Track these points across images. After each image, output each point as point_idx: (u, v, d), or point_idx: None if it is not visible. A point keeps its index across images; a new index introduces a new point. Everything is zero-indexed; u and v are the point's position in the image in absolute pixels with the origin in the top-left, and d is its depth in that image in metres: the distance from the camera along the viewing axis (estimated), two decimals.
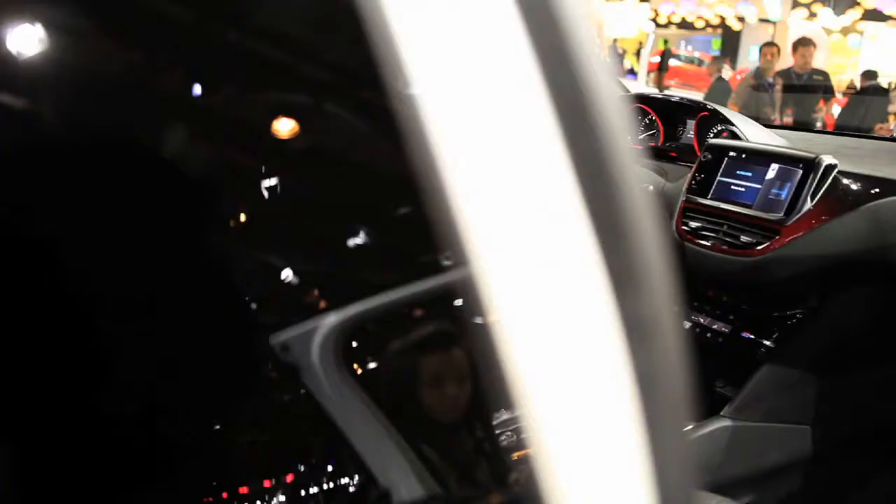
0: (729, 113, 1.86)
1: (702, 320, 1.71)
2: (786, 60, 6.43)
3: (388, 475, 0.60)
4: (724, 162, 1.65)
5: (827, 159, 1.48)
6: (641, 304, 0.30)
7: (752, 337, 1.62)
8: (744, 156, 1.63)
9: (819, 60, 7.15)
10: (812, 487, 1.67)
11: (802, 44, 6.03)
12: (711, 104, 1.95)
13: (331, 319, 0.59)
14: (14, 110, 0.46)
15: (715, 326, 1.68)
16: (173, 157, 0.52)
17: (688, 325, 1.74)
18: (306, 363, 0.59)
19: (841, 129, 5.66)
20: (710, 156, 1.68)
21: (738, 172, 1.62)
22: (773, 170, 1.55)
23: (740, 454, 1.59)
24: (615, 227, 0.29)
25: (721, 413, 1.60)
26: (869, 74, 6.79)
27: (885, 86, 6.54)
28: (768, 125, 2.06)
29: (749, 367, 1.61)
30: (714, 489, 1.32)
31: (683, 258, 1.64)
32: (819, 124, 5.90)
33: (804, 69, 5.93)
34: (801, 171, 1.50)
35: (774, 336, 1.59)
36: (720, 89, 6.76)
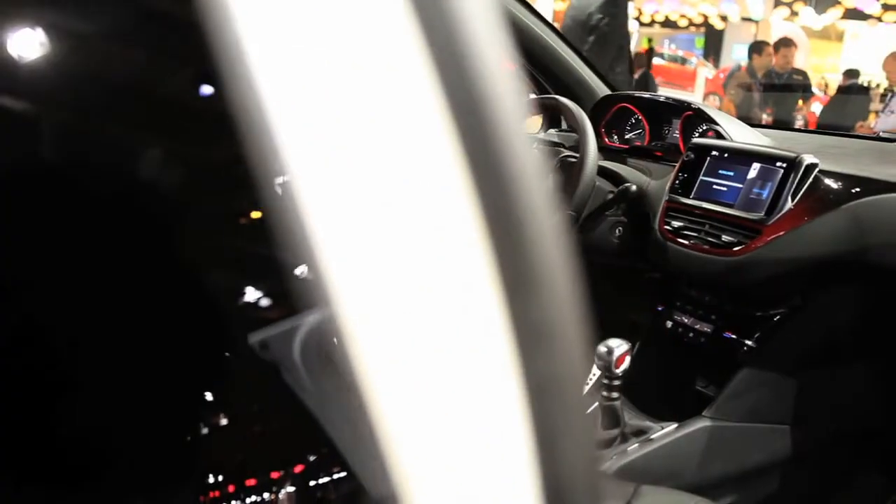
0: (713, 112, 1.85)
1: (685, 320, 1.71)
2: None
3: (373, 476, 0.59)
4: (707, 161, 1.64)
5: (808, 158, 1.48)
6: (538, 308, 0.29)
7: (734, 337, 1.61)
8: (726, 155, 1.62)
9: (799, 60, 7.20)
10: (794, 488, 1.67)
11: (784, 44, 6.12)
12: (697, 103, 1.93)
13: (314, 317, 0.58)
14: None
15: (697, 326, 1.68)
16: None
17: (670, 324, 1.74)
18: (287, 361, 0.58)
19: (823, 127, 5.72)
20: (692, 155, 1.68)
21: (720, 172, 1.61)
22: (754, 169, 1.55)
23: (722, 454, 1.59)
24: (510, 231, 0.29)
25: (703, 413, 1.59)
26: (851, 73, 6.85)
27: (866, 84, 6.62)
28: (759, 124, 2.06)
29: (731, 367, 1.60)
30: (695, 489, 1.32)
31: (667, 258, 1.64)
32: (800, 122, 5.97)
33: (785, 69, 6.01)
34: (781, 171, 1.49)
35: (756, 336, 1.58)
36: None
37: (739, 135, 1.77)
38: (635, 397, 1.69)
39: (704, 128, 1.84)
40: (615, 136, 2.11)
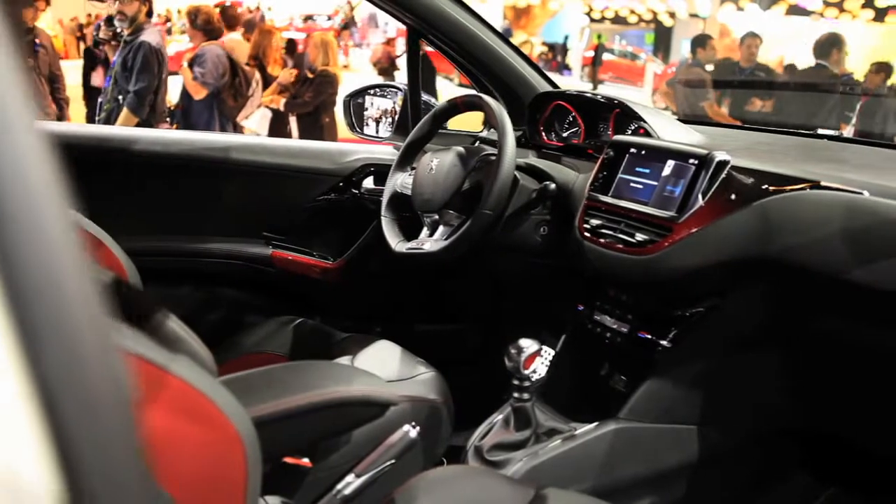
0: (640, 109, 1.82)
1: (604, 320, 1.69)
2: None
3: None
4: (626, 159, 1.63)
5: (719, 156, 1.46)
6: (42, 308, 0.28)
7: (650, 336, 1.59)
8: (643, 153, 1.61)
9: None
10: (711, 490, 1.65)
11: (750, 37, 5.97)
12: (625, 101, 1.91)
13: None
14: None
15: (615, 326, 1.66)
16: None
17: (589, 324, 1.72)
18: None
19: (766, 123, 5.77)
20: (612, 153, 1.66)
21: (636, 169, 1.60)
22: (668, 167, 1.53)
23: (635, 456, 1.56)
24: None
25: (618, 415, 1.57)
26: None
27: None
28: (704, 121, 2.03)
29: (646, 368, 1.58)
30: (606, 492, 1.29)
31: (584, 257, 1.62)
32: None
33: (749, 63, 5.89)
34: (693, 168, 1.48)
35: (672, 335, 1.56)
36: None
37: (668, 132, 1.74)
38: (553, 397, 1.67)
39: (635, 126, 1.82)
40: (553, 135, 2.09)
